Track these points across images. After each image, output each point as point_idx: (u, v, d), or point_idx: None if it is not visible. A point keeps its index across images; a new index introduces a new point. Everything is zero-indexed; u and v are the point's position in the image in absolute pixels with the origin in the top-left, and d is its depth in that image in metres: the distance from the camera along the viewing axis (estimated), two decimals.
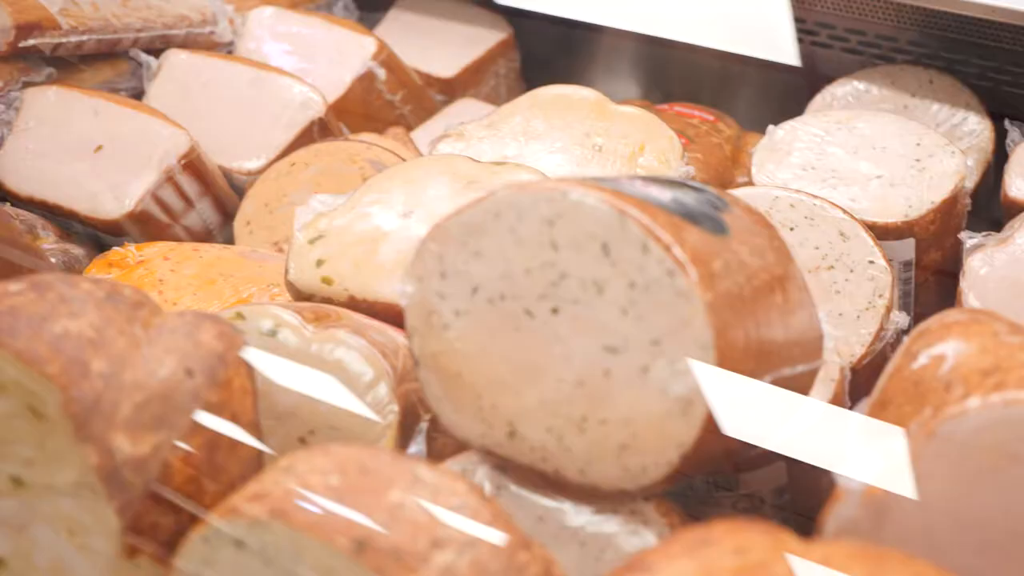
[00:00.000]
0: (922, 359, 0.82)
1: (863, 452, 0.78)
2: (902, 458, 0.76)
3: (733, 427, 0.81)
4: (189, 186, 1.44)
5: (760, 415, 0.84)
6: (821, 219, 1.17)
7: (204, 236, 1.46)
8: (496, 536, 0.67)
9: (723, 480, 0.98)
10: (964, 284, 1.18)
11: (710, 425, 0.76)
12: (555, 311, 0.79)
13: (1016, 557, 0.75)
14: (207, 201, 1.46)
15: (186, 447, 0.76)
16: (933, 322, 0.85)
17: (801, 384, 0.87)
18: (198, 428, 0.77)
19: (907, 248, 1.26)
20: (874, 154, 1.31)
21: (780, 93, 1.71)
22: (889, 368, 0.85)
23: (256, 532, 0.68)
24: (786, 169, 1.31)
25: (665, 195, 0.81)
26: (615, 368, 0.78)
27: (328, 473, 0.70)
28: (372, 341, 0.96)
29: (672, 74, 1.86)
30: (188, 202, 1.44)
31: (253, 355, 0.89)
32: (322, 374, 0.94)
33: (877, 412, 0.82)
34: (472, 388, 0.83)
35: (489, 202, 0.81)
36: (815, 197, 1.18)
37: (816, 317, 0.89)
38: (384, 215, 1.13)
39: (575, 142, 1.30)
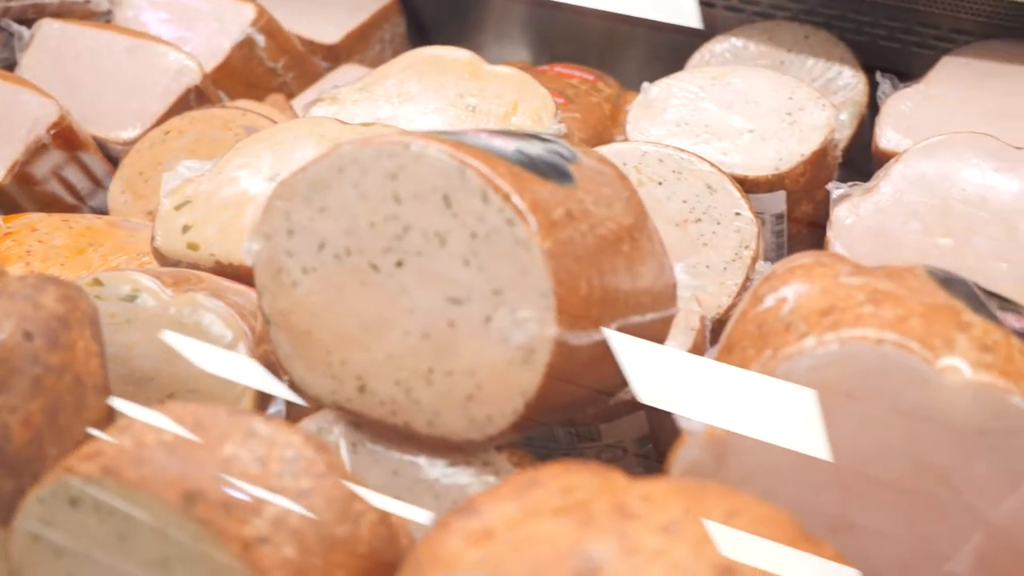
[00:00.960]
0: (767, 302, 0.83)
1: (706, 395, 0.79)
2: (742, 399, 0.77)
3: (581, 376, 0.82)
4: (96, 165, 1.42)
5: (611, 363, 0.85)
6: (689, 173, 1.18)
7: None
8: (330, 486, 0.67)
9: (585, 431, 0.99)
10: (831, 234, 1.20)
11: (553, 373, 0.76)
12: (400, 264, 0.79)
13: (851, 493, 0.76)
14: None
15: (26, 410, 0.75)
16: (780, 266, 0.86)
17: (654, 332, 0.88)
18: (38, 391, 0.76)
19: (778, 200, 1.28)
20: (747, 108, 1.33)
21: (665, 52, 1.71)
22: (736, 313, 0.86)
23: (90, 489, 0.68)
24: (660, 126, 1.32)
25: (509, 146, 0.81)
26: (459, 319, 0.78)
27: (163, 429, 0.69)
28: (231, 303, 0.95)
29: (559, 36, 1.86)
30: (96, 183, 1.42)
31: (108, 320, 0.88)
32: (181, 337, 0.93)
33: (724, 356, 0.83)
34: (322, 345, 0.83)
35: (333, 157, 0.80)
36: (683, 151, 1.19)
37: (668, 266, 0.90)
38: (251, 179, 1.12)
39: (449, 103, 1.30)
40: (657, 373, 0.87)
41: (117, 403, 0.79)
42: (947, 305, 0.78)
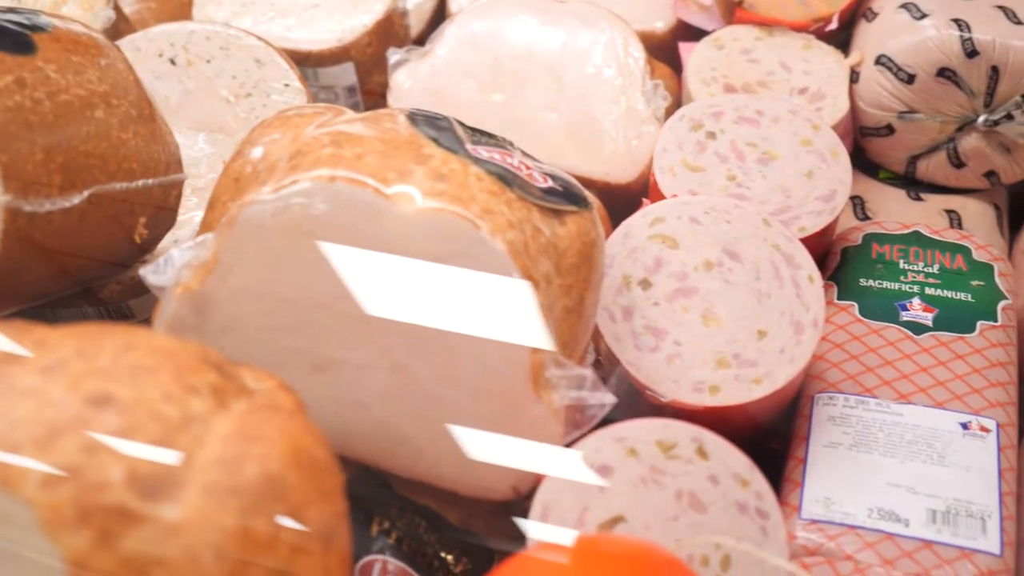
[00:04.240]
0: (248, 155, 0.84)
1: (181, 252, 0.79)
2: (208, 252, 0.77)
3: (65, 244, 0.80)
4: None
5: (109, 231, 0.84)
6: (237, 48, 1.17)
7: None
8: None
9: (115, 308, 0.98)
10: (391, 99, 1.22)
11: (14, 241, 0.75)
12: None
13: (330, 331, 0.78)
14: None
15: None
16: (265, 120, 0.87)
17: (151, 197, 0.87)
18: None
19: (347, 73, 1.29)
20: None
21: None
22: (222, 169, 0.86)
23: None
24: (226, 7, 1.31)
25: None
26: None
27: None
28: None
29: None
30: None
31: None
32: None
33: (208, 213, 0.84)
34: None
35: None
36: (231, 27, 1.18)
37: (163, 132, 0.90)
38: None
39: None
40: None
41: None
42: (410, 141, 0.80)
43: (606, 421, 0.79)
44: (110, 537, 0.53)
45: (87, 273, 0.86)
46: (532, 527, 0.76)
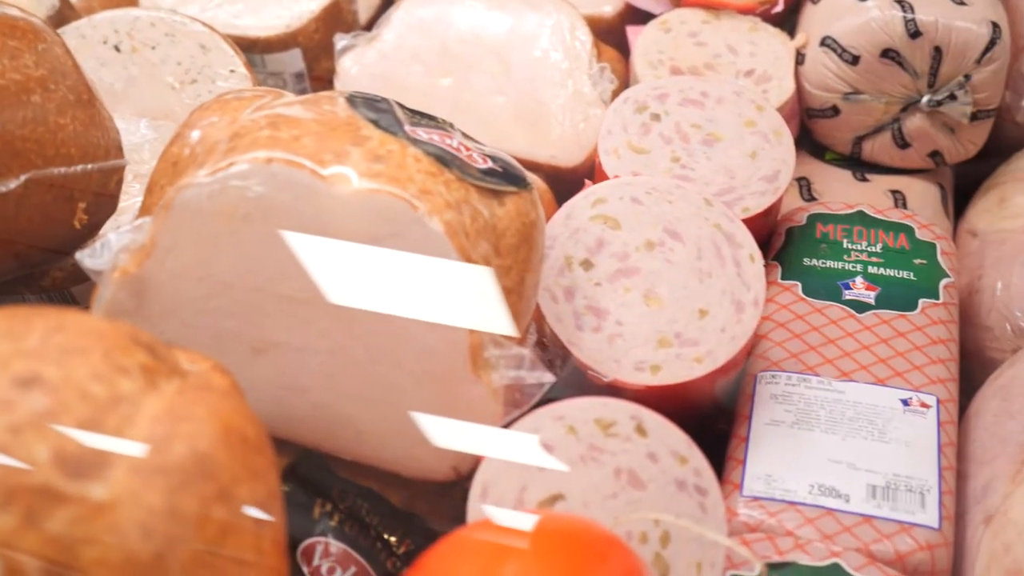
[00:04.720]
0: (186, 138, 0.83)
1: (120, 236, 0.79)
2: (145, 235, 0.77)
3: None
4: None
5: (46, 216, 0.84)
6: (182, 35, 1.16)
7: None
8: None
9: (58, 296, 0.98)
10: (338, 84, 1.22)
11: None
12: None
13: (268, 314, 0.78)
14: None
15: None
16: (208, 101, 0.87)
17: (92, 183, 0.87)
18: None
19: (295, 59, 1.28)
20: None
21: None
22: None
23: None
24: None
25: None
26: None
27: None
28: None
29: None
30: None
31: None
32: None
33: (147, 197, 0.84)
34: None
35: None
36: (176, 13, 1.18)
37: (103, 118, 0.89)
38: None
39: None
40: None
41: None
42: (348, 123, 0.80)
43: (548, 401, 0.79)
44: (36, 517, 0.53)
45: (26, 259, 0.86)
46: (473, 507, 0.77)
